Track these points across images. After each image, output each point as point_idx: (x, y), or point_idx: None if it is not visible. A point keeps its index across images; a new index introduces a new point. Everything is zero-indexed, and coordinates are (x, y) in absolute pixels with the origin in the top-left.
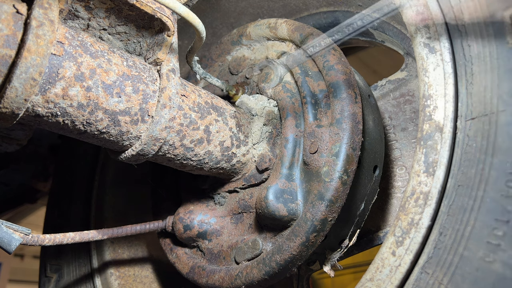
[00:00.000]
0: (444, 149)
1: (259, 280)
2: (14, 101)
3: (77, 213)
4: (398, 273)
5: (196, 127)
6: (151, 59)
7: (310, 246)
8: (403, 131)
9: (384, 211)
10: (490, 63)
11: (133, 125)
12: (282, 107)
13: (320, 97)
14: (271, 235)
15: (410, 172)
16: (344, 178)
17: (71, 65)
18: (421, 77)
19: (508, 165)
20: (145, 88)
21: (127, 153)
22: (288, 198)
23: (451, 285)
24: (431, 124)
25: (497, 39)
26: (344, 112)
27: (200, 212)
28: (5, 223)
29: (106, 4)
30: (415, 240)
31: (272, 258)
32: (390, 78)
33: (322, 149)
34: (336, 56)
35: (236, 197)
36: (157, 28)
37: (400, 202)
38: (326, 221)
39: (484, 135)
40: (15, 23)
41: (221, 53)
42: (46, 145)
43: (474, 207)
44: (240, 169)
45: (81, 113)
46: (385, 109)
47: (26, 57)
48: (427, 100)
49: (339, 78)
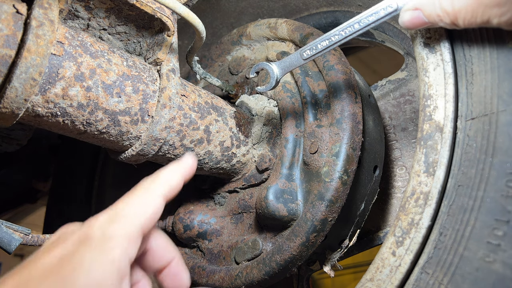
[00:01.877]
0: (444, 149)
1: (259, 280)
2: (14, 101)
3: (77, 213)
4: (398, 273)
5: (196, 127)
6: (151, 59)
7: (310, 246)
8: (403, 131)
9: (384, 211)
10: (490, 63)
11: (133, 125)
12: (282, 107)
13: (320, 97)
14: (271, 235)
15: (410, 172)
16: (344, 178)
17: (71, 65)
18: (421, 77)
19: (508, 165)
20: (145, 88)
21: (127, 153)
22: (288, 198)
23: (451, 285)
24: (431, 124)
25: (497, 39)
26: (344, 112)
27: (200, 212)
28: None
29: (106, 4)
30: (415, 240)
31: (272, 258)
32: (390, 78)
33: (322, 149)
34: (336, 56)
35: (236, 197)
36: (157, 28)
37: (400, 202)
38: (326, 221)
39: (484, 135)
40: (15, 23)
41: (221, 53)
42: (46, 145)
43: (474, 207)
44: (240, 169)
45: (81, 113)
46: (385, 109)
47: (26, 57)
48: (427, 100)
49: (339, 78)
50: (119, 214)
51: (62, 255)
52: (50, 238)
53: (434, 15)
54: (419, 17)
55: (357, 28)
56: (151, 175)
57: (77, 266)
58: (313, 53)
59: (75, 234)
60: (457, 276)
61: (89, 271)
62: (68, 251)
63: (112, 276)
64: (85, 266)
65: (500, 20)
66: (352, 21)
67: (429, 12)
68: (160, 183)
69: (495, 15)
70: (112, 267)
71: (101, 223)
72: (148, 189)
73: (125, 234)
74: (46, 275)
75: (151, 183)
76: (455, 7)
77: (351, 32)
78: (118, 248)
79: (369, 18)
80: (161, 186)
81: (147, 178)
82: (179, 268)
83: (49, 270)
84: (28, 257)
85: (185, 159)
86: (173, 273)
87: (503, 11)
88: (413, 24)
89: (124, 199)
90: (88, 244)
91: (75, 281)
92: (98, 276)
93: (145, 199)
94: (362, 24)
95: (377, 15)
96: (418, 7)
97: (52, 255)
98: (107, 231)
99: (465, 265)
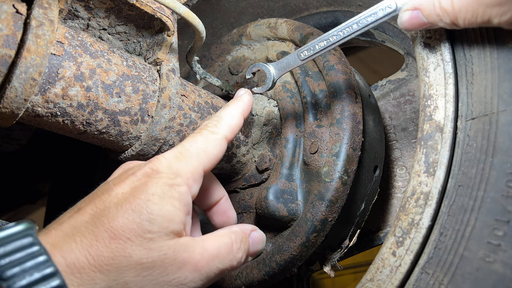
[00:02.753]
0: (445, 149)
1: (259, 280)
2: (13, 101)
3: None
4: (399, 273)
5: (196, 127)
6: (151, 59)
7: (310, 246)
8: (403, 131)
9: (384, 211)
10: (491, 63)
11: (133, 125)
12: (282, 107)
13: (320, 97)
14: (271, 235)
15: (411, 172)
16: (345, 178)
17: (71, 65)
18: (422, 77)
19: (509, 165)
20: (145, 88)
21: (127, 153)
22: (288, 198)
23: (451, 285)
24: (432, 124)
25: (497, 38)
26: (344, 112)
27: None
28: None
29: (106, 4)
30: (416, 241)
31: (272, 258)
32: (390, 78)
33: (322, 149)
34: (336, 56)
35: (236, 197)
36: (157, 28)
37: (401, 202)
38: (326, 221)
39: (485, 135)
40: (15, 23)
41: (221, 53)
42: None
43: (475, 207)
44: (240, 169)
45: (81, 113)
46: (386, 109)
47: (26, 57)
48: (428, 100)
49: (339, 78)
50: (185, 153)
51: (133, 186)
52: (113, 174)
53: (433, 15)
54: (418, 17)
55: (356, 28)
56: (213, 115)
57: (150, 197)
58: (310, 53)
59: (142, 169)
60: (457, 276)
61: (161, 204)
62: (139, 183)
63: (180, 211)
64: (156, 199)
65: (500, 20)
66: (351, 22)
67: (428, 12)
68: (223, 124)
69: (496, 14)
70: (180, 203)
71: (169, 160)
72: (212, 130)
73: (190, 172)
74: (122, 203)
75: (215, 124)
76: (455, 6)
77: (349, 32)
78: (184, 184)
79: (368, 19)
80: (223, 127)
81: (210, 118)
82: (227, 205)
83: (123, 199)
84: (95, 189)
85: (243, 96)
86: (222, 210)
87: (503, 10)
88: (412, 24)
89: (190, 138)
90: (158, 178)
91: (151, 212)
92: (169, 209)
93: (209, 140)
94: (361, 24)
95: (376, 16)
96: (417, 7)
97: (124, 186)
98: (174, 167)
99: (465, 265)
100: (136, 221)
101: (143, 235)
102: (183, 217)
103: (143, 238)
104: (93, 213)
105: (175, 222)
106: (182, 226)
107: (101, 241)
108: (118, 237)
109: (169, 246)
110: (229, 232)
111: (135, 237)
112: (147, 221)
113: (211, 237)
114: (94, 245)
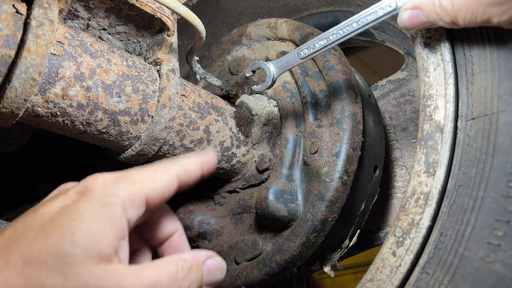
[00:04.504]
0: (445, 149)
1: (259, 280)
2: (13, 101)
3: None
4: (399, 273)
5: (196, 127)
6: (151, 59)
7: (310, 246)
8: (403, 131)
9: (384, 211)
10: (491, 63)
11: (133, 125)
12: (282, 107)
13: (320, 97)
14: (271, 236)
15: (411, 172)
16: (345, 178)
17: (70, 65)
18: (422, 77)
19: (509, 165)
20: (145, 88)
21: (127, 153)
22: (288, 198)
23: (451, 286)
24: (432, 124)
25: (497, 38)
26: (344, 112)
27: (200, 212)
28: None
29: (106, 4)
30: (416, 241)
31: (272, 258)
32: (391, 78)
33: (322, 149)
34: (336, 56)
35: (236, 197)
36: (157, 28)
37: (401, 202)
38: (326, 221)
39: (485, 135)
40: (15, 23)
41: (221, 53)
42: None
43: (475, 207)
44: (240, 169)
45: (81, 113)
46: (386, 109)
47: (26, 57)
48: (428, 100)
49: (339, 78)
50: (127, 177)
51: (62, 205)
52: (50, 194)
53: (433, 14)
54: (418, 16)
55: (356, 27)
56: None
57: (77, 217)
58: (310, 52)
59: (76, 187)
60: (457, 276)
61: (90, 223)
62: (69, 202)
63: (111, 233)
64: (85, 218)
65: (500, 19)
66: (351, 20)
67: (428, 11)
68: (177, 165)
69: (496, 14)
70: (111, 224)
71: (106, 180)
72: (164, 166)
73: (128, 194)
74: (45, 224)
75: (168, 162)
76: (454, 6)
77: (349, 31)
78: (119, 206)
79: (368, 17)
80: (177, 167)
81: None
82: (181, 240)
83: (48, 219)
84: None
85: (207, 152)
86: (175, 245)
87: (503, 9)
88: (412, 23)
89: (137, 167)
90: (90, 195)
91: (75, 231)
92: (97, 230)
93: (158, 173)
94: (361, 23)
95: (376, 14)
96: (417, 6)
97: (53, 205)
98: (111, 188)
99: (466, 265)
100: (57, 243)
101: (63, 258)
102: (114, 240)
103: (63, 262)
104: (11, 235)
105: (102, 244)
106: (112, 250)
107: (13, 267)
108: (32, 262)
109: (92, 272)
110: (176, 259)
111: (53, 261)
112: (69, 242)
113: (153, 265)
114: (3, 272)
